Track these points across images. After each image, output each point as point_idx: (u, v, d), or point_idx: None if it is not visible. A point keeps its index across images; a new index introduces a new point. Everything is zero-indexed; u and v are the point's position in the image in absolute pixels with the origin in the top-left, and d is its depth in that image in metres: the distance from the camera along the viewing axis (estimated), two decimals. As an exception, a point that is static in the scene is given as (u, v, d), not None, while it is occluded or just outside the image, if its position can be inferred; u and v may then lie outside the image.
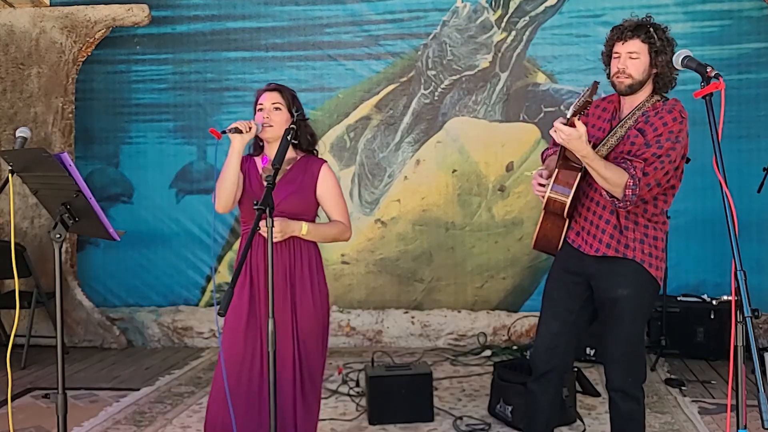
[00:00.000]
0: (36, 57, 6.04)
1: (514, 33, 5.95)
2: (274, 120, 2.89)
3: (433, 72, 6.06)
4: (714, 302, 5.34)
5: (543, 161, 3.18)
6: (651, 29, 2.78)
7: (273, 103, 2.91)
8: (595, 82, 2.58)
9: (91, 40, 6.04)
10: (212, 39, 6.24)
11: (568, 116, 2.57)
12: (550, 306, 2.99)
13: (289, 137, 2.71)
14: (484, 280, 6.02)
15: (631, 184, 2.66)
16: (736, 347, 1.90)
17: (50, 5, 6.16)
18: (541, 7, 5.93)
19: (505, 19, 5.97)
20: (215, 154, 3.00)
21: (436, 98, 6.06)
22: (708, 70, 2.08)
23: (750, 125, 5.67)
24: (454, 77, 6.04)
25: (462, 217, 6.05)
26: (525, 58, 5.97)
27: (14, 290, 5.66)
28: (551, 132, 2.64)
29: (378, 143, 6.14)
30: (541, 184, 2.89)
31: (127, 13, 5.95)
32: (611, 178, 2.66)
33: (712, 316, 5.28)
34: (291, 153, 2.93)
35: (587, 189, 2.86)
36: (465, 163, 6.01)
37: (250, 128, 2.80)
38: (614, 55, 2.84)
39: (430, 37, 6.06)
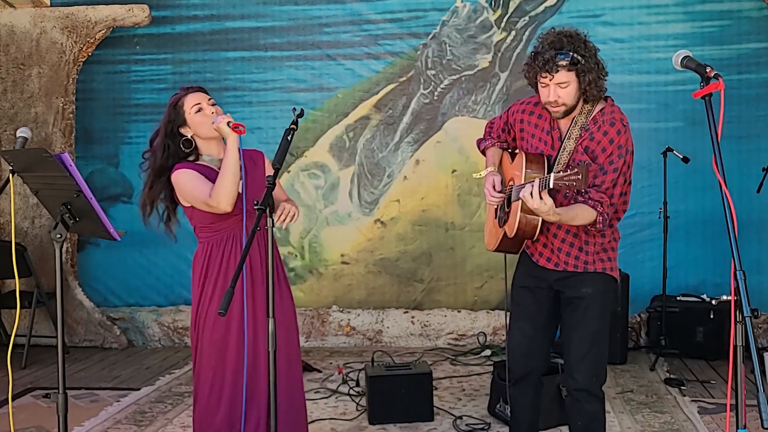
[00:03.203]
0: (36, 57, 6.04)
1: (513, 33, 5.95)
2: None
3: (433, 72, 6.06)
4: (713, 302, 5.34)
5: (483, 152, 3.18)
6: (574, 54, 2.64)
7: (211, 102, 2.87)
8: (587, 163, 2.53)
9: (91, 41, 6.04)
10: (211, 39, 6.25)
11: (551, 185, 2.51)
12: (520, 312, 3.02)
13: (290, 138, 2.71)
14: (484, 280, 6.02)
15: (601, 220, 2.72)
16: (735, 347, 1.89)
17: (51, 6, 6.16)
18: (541, 7, 5.93)
19: (504, 19, 5.97)
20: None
21: (435, 98, 6.06)
22: (707, 70, 2.07)
23: (750, 125, 5.67)
24: (453, 77, 6.04)
25: (462, 217, 6.05)
26: (525, 58, 5.95)
27: (15, 290, 5.67)
28: (523, 195, 2.58)
29: (377, 143, 6.14)
30: (496, 191, 2.93)
31: (128, 13, 5.96)
32: (582, 221, 2.72)
33: (712, 316, 5.28)
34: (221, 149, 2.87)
35: None
36: (465, 163, 6.00)
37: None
38: (541, 84, 2.76)
39: (430, 36, 6.06)
